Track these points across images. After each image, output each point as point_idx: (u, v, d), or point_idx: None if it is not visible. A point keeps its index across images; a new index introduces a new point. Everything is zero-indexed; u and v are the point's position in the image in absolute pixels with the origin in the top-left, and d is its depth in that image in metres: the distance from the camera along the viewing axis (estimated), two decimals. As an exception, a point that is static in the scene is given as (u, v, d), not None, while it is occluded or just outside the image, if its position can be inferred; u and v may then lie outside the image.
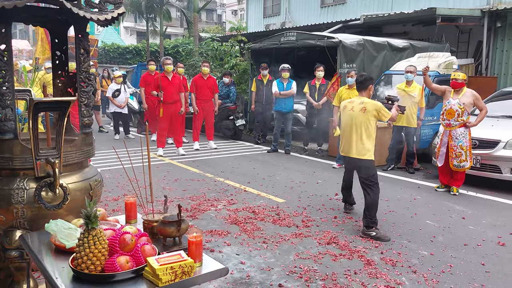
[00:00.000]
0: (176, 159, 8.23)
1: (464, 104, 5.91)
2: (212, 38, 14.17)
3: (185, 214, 5.00)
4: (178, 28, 37.70)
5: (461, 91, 6.03)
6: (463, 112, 5.89)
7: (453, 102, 5.96)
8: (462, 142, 5.94)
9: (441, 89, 6.26)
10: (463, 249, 4.17)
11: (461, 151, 5.92)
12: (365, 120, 4.62)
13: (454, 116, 5.92)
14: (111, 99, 10.60)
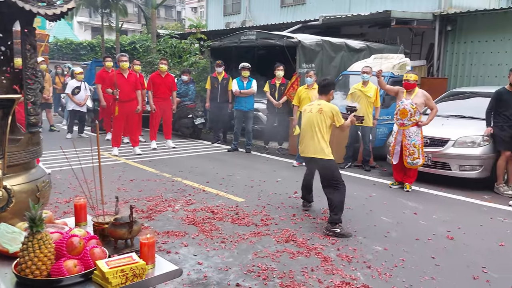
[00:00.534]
0: (132, 159, 8.04)
1: (416, 104, 6.10)
2: (170, 35, 13.95)
3: (141, 215, 4.89)
4: (135, 24, 36.86)
5: (413, 92, 6.22)
6: (416, 112, 6.09)
7: (406, 102, 6.15)
8: (415, 140, 6.14)
9: (394, 90, 6.45)
10: (415, 244, 4.31)
11: (414, 149, 6.12)
12: (321, 120, 4.75)
13: (407, 116, 6.11)
14: (71, 96, 10.19)
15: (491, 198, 6.02)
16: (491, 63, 10.25)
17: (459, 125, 6.89)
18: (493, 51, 10.20)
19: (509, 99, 6.22)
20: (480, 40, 10.43)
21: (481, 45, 10.45)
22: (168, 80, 9.17)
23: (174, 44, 12.88)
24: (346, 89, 9.35)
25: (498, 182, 6.30)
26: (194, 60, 11.83)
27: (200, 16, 18.78)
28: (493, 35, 10.18)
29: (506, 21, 9.92)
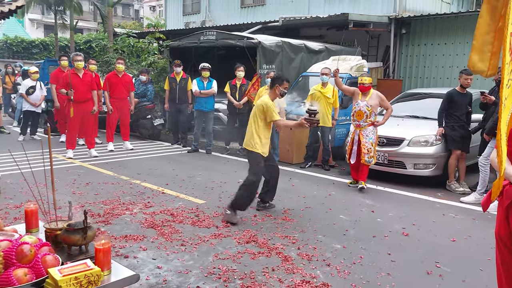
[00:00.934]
0: (88, 161, 7.78)
1: (371, 106, 6.23)
2: (128, 34, 13.62)
3: (97, 220, 4.74)
4: (91, 22, 35.79)
5: (368, 94, 6.33)
6: (371, 113, 6.23)
7: (361, 104, 6.27)
8: (372, 139, 6.27)
9: (351, 91, 6.56)
10: (372, 241, 4.42)
11: (371, 147, 6.25)
12: (255, 114, 4.95)
13: (363, 118, 6.24)
14: (25, 96, 9.73)
15: (443, 195, 6.28)
16: (443, 65, 10.71)
17: (413, 125, 7.14)
18: (444, 54, 10.66)
19: (459, 100, 6.51)
20: (433, 43, 10.88)
21: (433, 48, 10.89)
22: (125, 80, 8.96)
23: (132, 43, 12.58)
24: (306, 90, 9.50)
25: (449, 180, 6.58)
26: (152, 60, 11.60)
27: (158, 15, 18.46)
28: (445, 39, 10.64)
29: (457, 25, 10.39)
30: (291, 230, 4.65)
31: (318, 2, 13.96)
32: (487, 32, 1.63)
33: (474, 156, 6.67)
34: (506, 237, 2.22)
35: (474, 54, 1.65)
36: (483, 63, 1.64)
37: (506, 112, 1.74)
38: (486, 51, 1.64)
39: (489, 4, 1.63)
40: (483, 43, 1.64)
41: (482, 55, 1.64)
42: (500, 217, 2.27)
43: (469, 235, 4.64)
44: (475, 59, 1.66)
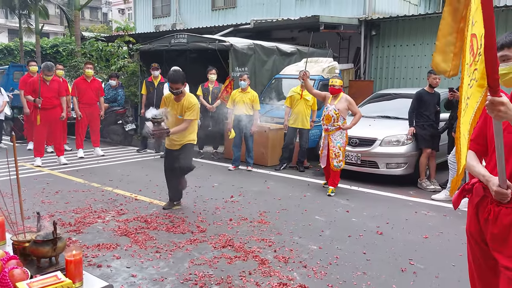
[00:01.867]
0: (57, 169, 7.56)
1: (339, 109, 6.11)
2: (96, 38, 13.35)
3: (68, 229, 4.60)
4: (58, 26, 34.90)
5: (338, 97, 6.24)
6: (339, 117, 6.12)
7: (330, 108, 6.17)
8: (340, 142, 6.18)
9: (322, 95, 6.50)
10: (347, 241, 4.46)
11: (339, 151, 6.16)
12: None
13: (331, 121, 6.14)
14: None
15: (415, 193, 6.41)
16: (412, 66, 10.96)
17: (385, 125, 7.26)
18: (413, 55, 10.91)
19: (428, 100, 6.67)
20: (402, 44, 11.11)
21: (403, 49, 11.13)
22: (94, 85, 8.75)
23: (101, 47, 12.33)
24: (280, 92, 9.56)
25: (421, 178, 6.72)
26: (122, 64, 11.40)
27: (127, 18, 18.17)
28: (413, 40, 10.89)
29: (424, 27, 10.66)
30: (267, 233, 4.64)
31: (289, 4, 14.07)
32: (449, 33, 1.67)
33: (444, 154, 6.84)
34: (476, 234, 2.26)
35: (437, 55, 1.69)
36: (446, 63, 1.68)
37: (470, 111, 1.78)
38: (448, 52, 1.67)
39: (451, 5, 1.67)
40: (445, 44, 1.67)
41: (444, 55, 1.68)
42: (470, 214, 2.32)
43: (441, 231, 4.75)
44: (438, 60, 1.69)
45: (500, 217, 2.10)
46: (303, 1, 13.80)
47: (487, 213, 2.17)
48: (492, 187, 2.08)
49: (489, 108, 1.78)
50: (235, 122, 7.76)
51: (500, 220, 2.10)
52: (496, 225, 2.11)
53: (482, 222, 2.21)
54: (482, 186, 2.21)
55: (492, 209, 2.14)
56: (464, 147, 1.81)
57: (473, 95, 1.77)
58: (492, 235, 2.13)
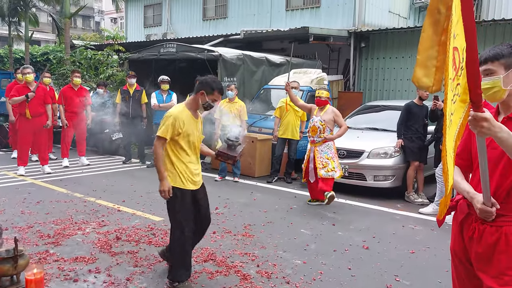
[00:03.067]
0: (41, 179, 7.39)
1: (325, 121, 6.02)
2: (85, 46, 13.25)
3: (47, 241, 4.46)
4: (49, 34, 34.74)
5: (324, 109, 6.16)
6: (325, 129, 6.01)
7: (315, 119, 6.09)
8: (326, 153, 6.04)
9: (307, 107, 6.41)
10: (333, 255, 4.37)
11: (327, 161, 6.01)
12: None
13: (317, 133, 6.03)
14: None
15: (403, 207, 6.35)
16: (401, 78, 10.99)
17: (373, 137, 7.22)
18: (402, 67, 10.95)
19: (417, 112, 6.64)
20: (391, 57, 11.16)
21: (391, 61, 11.17)
22: (82, 93, 8.63)
23: (90, 55, 12.23)
24: (268, 103, 9.51)
25: (408, 191, 6.67)
26: (111, 73, 11.30)
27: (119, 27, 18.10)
28: (402, 52, 10.93)
29: (413, 39, 10.71)
30: (251, 247, 4.53)
31: (280, 15, 14.11)
32: (430, 46, 1.61)
33: (431, 167, 6.81)
34: (460, 252, 2.19)
35: (419, 69, 1.62)
36: (428, 78, 1.61)
37: (453, 127, 1.72)
38: (430, 66, 1.61)
39: (432, 17, 1.61)
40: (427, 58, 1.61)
41: (426, 70, 1.61)
42: (454, 232, 2.24)
43: (428, 246, 4.68)
44: (420, 74, 1.62)
45: (485, 236, 2.03)
46: (293, 12, 13.85)
47: (472, 231, 2.10)
48: (477, 205, 2.00)
49: (471, 124, 1.72)
50: (222, 132, 7.67)
51: (484, 239, 2.03)
52: (480, 244, 2.04)
53: (466, 241, 2.14)
54: (467, 203, 2.15)
55: (477, 227, 2.07)
56: (451, 166, 1.75)
57: (456, 110, 1.72)
58: (477, 254, 2.06)
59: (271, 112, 8.97)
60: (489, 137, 1.78)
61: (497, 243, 1.98)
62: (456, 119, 1.73)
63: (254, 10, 14.89)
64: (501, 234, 1.98)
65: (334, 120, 6.12)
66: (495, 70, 1.95)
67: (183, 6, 17.41)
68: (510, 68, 1.96)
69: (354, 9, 12.31)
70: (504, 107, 2.06)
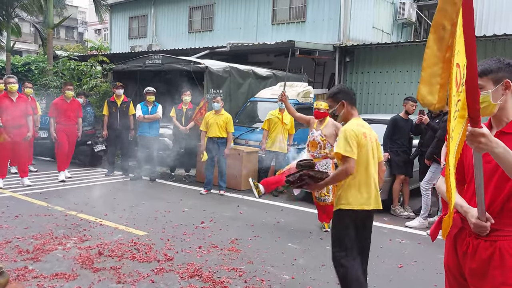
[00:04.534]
0: (20, 191, 7.17)
1: (326, 135, 5.53)
2: (69, 57, 13.08)
3: (26, 257, 4.29)
4: (31, 44, 34.31)
5: (324, 122, 5.65)
6: (325, 144, 5.53)
7: (315, 133, 5.62)
8: None
9: (306, 119, 5.91)
10: (321, 270, 4.30)
11: None
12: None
13: (317, 148, 5.56)
14: None
15: (389, 220, 6.33)
16: (385, 92, 11.10)
17: (359, 151, 7.20)
18: (386, 81, 11.07)
19: (403, 126, 6.68)
20: (375, 71, 11.28)
21: (376, 76, 11.29)
22: (74, 106, 8.41)
23: (73, 66, 12.05)
24: (255, 115, 9.49)
25: (394, 204, 6.67)
26: (94, 84, 11.14)
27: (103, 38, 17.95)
28: (386, 67, 11.07)
29: (397, 55, 10.87)
30: (238, 262, 4.44)
31: (266, 29, 14.19)
32: (434, 63, 1.58)
33: (417, 181, 6.83)
34: (454, 268, 2.15)
35: (423, 86, 1.59)
36: (432, 95, 1.59)
37: (453, 144, 1.70)
38: (434, 83, 1.58)
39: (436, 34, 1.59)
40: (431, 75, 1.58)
41: (430, 87, 1.59)
42: (448, 247, 2.21)
43: (416, 260, 4.65)
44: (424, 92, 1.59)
45: (479, 251, 2.00)
46: (279, 26, 13.95)
47: (466, 246, 2.06)
48: (471, 219, 1.98)
49: (469, 139, 1.70)
50: (208, 145, 7.60)
51: (479, 254, 2.00)
52: (474, 260, 2.01)
53: (460, 256, 2.10)
54: (460, 217, 2.12)
55: (471, 242, 2.04)
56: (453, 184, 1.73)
57: (456, 127, 1.71)
58: (471, 270, 2.02)
59: (257, 124, 8.96)
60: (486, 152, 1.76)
61: (491, 258, 1.95)
62: (456, 135, 1.72)
63: (240, 24, 14.95)
64: (495, 249, 1.95)
65: (336, 134, 5.52)
66: (484, 85, 1.95)
67: (168, 18, 17.39)
68: (499, 82, 1.96)
69: (339, 24, 12.45)
70: (496, 121, 2.05)
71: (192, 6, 16.49)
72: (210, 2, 15.83)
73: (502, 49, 9.46)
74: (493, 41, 9.44)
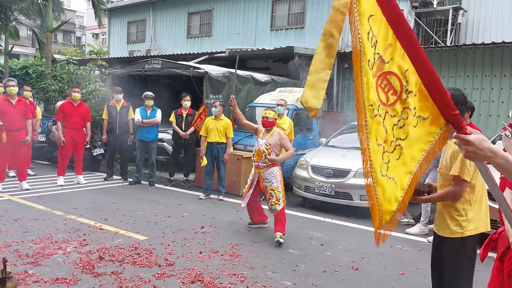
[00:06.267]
0: (18, 195, 7.13)
1: (271, 144, 5.44)
2: (67, 61, 13.06)
3: (25, 261, 4.26)
4: (29, 48, 34.25)
5: (271, 131, 5.59)
6: (270, 153, 5.42)
7: (261, 142, 5.50)
8: (271, 181, 5.43)
9: (253, 127, 5.86)
10: (323, 276, 4.30)
11: (271, 192, 5.40)
12: None
13: (262, 158, 5.45)
14: None
15: (389, 226, 6.33)
16: (382, 99, 11.14)
17: (358, 157, 7.14)
18: (384, 88, 11.11)
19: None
20: (373, 78, 11.32)
21: (373, 83, 11.33)
22: (81, 109, 8.35)
23: (72, 70, 12.04)
24: (254, 121, 9.48)
25: (394, 210, 6.67)
26: (93, 88, 11.13)
27: (102, 43, 17.94)
28: (384, 74, 11.12)
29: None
30: (240, 267, 4.43)
31: (265, 35, 14.25)
32: (322, 69, 1.60)
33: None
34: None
35: (308, 90, 1.60)
36: (317, 99, 1.60)
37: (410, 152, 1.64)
38: (320, 88, 1.59)
39: (325, 42, 1.62)
40: (317, 80, 1.60)
41: (316, 91, 1.60)
42: (494, 266, 2.12)
43: (417, 267, 4.66)
44: (308, 95, 1.60)
45: None
46: (278, 32, 14.02)
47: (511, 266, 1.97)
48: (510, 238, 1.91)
49: (458, 146, 1.58)
50: (208, 150, 7.60)
51: None
52: None
53: (506, 276, 2.01)
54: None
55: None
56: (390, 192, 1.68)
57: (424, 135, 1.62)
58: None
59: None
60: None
61: None
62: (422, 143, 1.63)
63: (239, 29, 15.01)
64: None
65: (280, 144, 5.54)
66: None
67: (167, 23, 17.43)
68: None
69: (337, 31, 12.51)
70: None
71: (190, 11, 16.55)
72: (208, 8, 15.89)
73: (481, 58, 9.57)
74: (491, 49, 9.53)
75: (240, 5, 15.02)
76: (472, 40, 11.72)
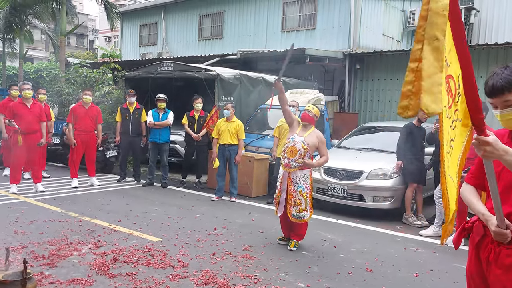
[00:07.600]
0: (34, 197, 7.23)
1: (309, 144, 5.03)
2: (81, 64, 13.23)
3: (42, 262, 4.31)
4: (43, 51, 34.73)
5: (309, 129, 5.19)
6: (305, 154, 5.01)
7: (297, 139, 5.05)
8: (302, 187, 5.03)
9: (291, 117, 5.23)
10: (336, 278, 4.28)
11: (300, 198, 5.01)
12: None
13: (295, 156, 4.99)
14: None
15: (402, 228, 6.29)
16: (396, 100, 11.07)
17: (371, 158, 7.21)
18: (397, 89, 11.04)
19: (416, 134, 6.66)
20: (386, 78, 11.27)
21: (386, 83, 11.28)
22: (93, 111, 8.45)
23: (85, 73, 12.19)
24: (265, 122, 9.51)
25: (406, 213, 6.62)
26: (106, 91, 11.25)
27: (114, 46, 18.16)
28: (396, 74, 11.06)
29: (406, 62, 10.80)
30: (253, 269, 4.43)
31: (276, 37, 14.25)
32: (434, 72, 1.60)
33: (431, 188, 6.79)
34: (477, 276, 2.15)
35: (425, 96, 1.59)
36: (436, 104, 1.60)
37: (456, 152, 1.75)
38: (436, 92, 1.60)
39: (431, 45, 1.61)
40: (431, 84, 1.59)
41: (433, 96, 1.60)
42: (470, 254, 2.21)
43: (431, 269, 4.61)
44: (427, 101, 1.58)
45: (501, 258, 2.01)
46: (289, 33, 14.01)
47: (488, 253, 2.08)
48: (491, 227, 2.01)
49: (475, 147, 1.77)
50: (220, 152, 7.63)
51: (500, 261, 2.01)
52: (497, 267, 2.02)
53: (483, 263, 2.11)
54: (482, 225, 2.13)
55: (493, 249, 2.05)
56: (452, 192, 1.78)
57: (458, 135, 1.78)
58: (495, 277, 2.03)
59: (267, 131, 8.98)
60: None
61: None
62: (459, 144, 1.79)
63: (250, 31, 15.03)
64: None
65: (317, 147, 5.16)
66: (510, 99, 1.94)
67: (179, 26, 17.54)
68: None
69: (349, 32, 12.48)
70: None
71: (202, 14, 16.63)
72: (220, 10, 15.95)
73: (494, 58, 9.44)
74: (505, 49, 9.41)
75: (251, 7, 15.05)
76: (485, 40, 11.60)
